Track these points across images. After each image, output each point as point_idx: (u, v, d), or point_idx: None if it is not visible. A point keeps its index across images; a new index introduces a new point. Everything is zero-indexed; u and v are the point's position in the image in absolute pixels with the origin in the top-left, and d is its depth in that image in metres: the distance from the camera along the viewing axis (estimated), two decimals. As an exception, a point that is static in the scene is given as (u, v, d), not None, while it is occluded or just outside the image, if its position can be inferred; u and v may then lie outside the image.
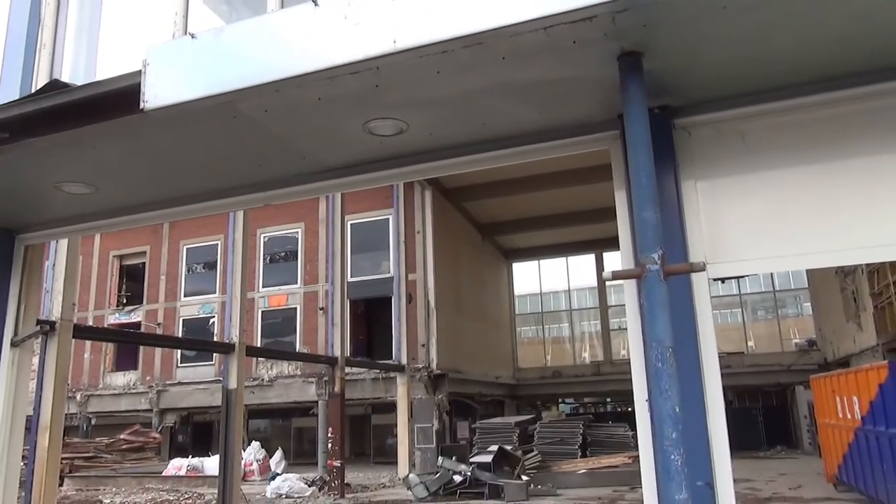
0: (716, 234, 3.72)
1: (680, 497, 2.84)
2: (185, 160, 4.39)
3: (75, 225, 5.41)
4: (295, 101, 3.55)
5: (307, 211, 26.71)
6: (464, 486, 16.51)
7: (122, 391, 28.39)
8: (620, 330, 33.31)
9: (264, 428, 30.80)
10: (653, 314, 3.01)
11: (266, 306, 27.10)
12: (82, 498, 17.98)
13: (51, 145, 3.98)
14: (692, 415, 3.35)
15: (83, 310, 29.00)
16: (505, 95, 3.65)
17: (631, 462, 18.07)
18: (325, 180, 4.65)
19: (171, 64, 3.56)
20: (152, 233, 29.36)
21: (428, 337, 23.60)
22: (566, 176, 23.11)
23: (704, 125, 3.84)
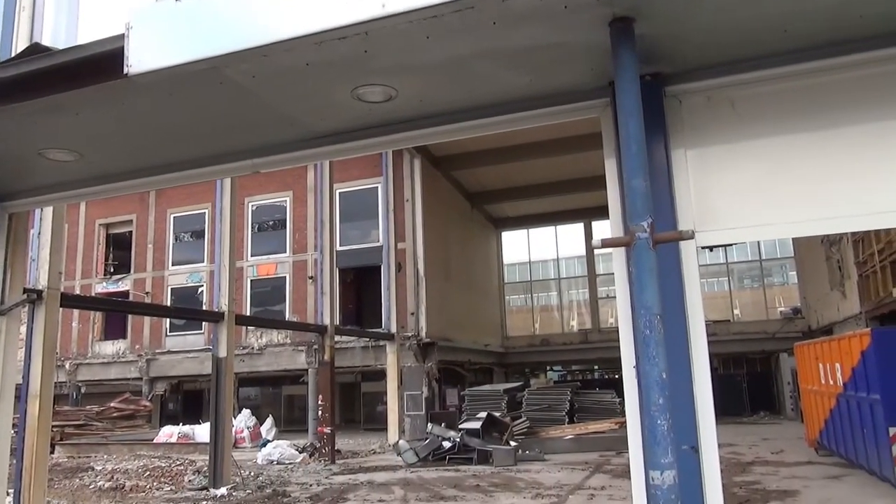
0: (704, 203, 3.72)
1: (665, 461, 2.90)
2: (171, 127, 4.32)
3: (60, 192, 5.34)
4: (282, 66, 3.49)
5: (295, 179, 26.53)
6: (453, 451, 16.76)
7: (112, 360, 28.42)
8: (608, 298, 33.58)
9: (255, 396, 30.99)
10: (641, 282, 3.03)
11: (255, 275, 27.06)
12: (74, 465, 18.11)
13: (33, 111, 3.90)
14: (679, 381, 3.40)
15: (70, 279, 28.86)
16: (495, 62, 3.61)
17: (618, 428, 18.39)
18: (313, 148, 4.60)
19: (156, 27, 3.48)
20: (139, 201, 29.10)
21: (417, 305, 23.71)
22: (556, 144, 23.05)
23: (695, 93, 3.81)
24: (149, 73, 3.45)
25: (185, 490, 13.97)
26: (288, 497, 12.72)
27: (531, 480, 13.74)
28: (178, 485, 14.48)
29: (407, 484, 13.85)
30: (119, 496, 13.53)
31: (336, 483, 14.28)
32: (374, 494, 12.72)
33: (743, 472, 13.68)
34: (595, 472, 14.54)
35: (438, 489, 13.03)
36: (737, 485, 12.17)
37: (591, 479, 13.74)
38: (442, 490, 12.91)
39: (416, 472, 15.47)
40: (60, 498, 13.13)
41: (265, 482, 14.54)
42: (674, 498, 2.89)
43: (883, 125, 3.46)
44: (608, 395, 20.88)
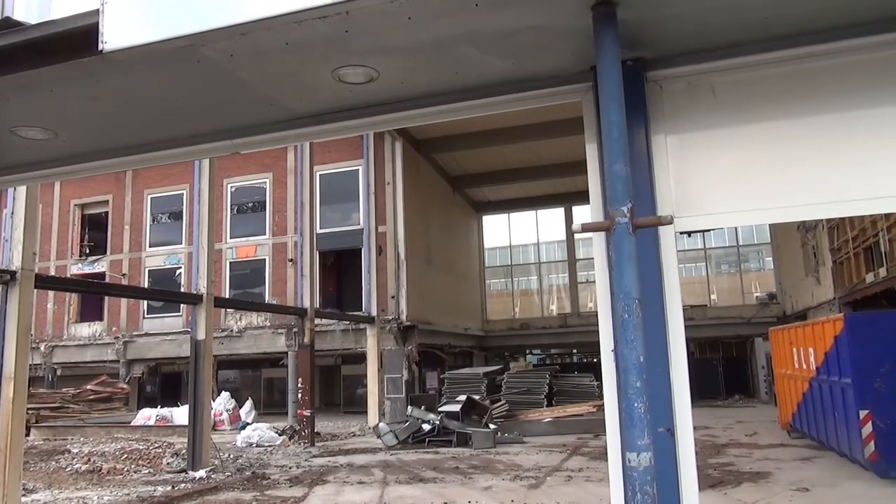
0: (684, 188, 3.75)
1: (642, 442, 2.94)
2: (147, 105, 4.24)
3: (33, 171, 5.22)
4: (262, 45, 3.44)
5: (275, 161, 26.29)
6: (433, 434, 16.87)
7: (88, 342, 28.12)
8: (588, 283, 33.85)
9: (234, 378, 30.90)
10: (620, 266, 3.05)
11: (234, 257, 26.86)
12: (50, 448, 17.95)
13: (4, 88, 3.80)
14: (656, 364, 3.44)
15: (45, 260, 28.44)
16: (477, 44, 3.58)
17: (595, 411, 18.62)
18: (294, 129, 4.55)
19: (132, 3, 3.40)
20: (115, 181, 28.66)
21: (398, 289, 23.71)
22: (537, 129, 23.07)
23: (676, 78, 3.82)
24: (124, 49, 3.37)
25: (163, 472, 13.93)
26: (267, 479, 12.73)
27: (510, 462, 13.89)
28: (157, 467, 14.43)
29: (387, 466, 13.93)
30: (96, 479, 13.44)
31: (316, 465, 14.32)
32: (353, 476, 12.78)
33: (717, 454, 13.95)
34: (573, 455, 14.73)
35: (418, 471, 13.12)
36: (711, 466, 12.41)
37: (569, 461, 13.92)
38: (421, 472, 13.01)
39: (395, 455, 15.56)
40: (36, 481, 13.02)
41: (244, 464, 14.54)
42: (650, 479, 2.94)
43: (863, 113, 3.50)
44: (586, 379, 21.11)
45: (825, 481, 10.85)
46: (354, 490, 11.49)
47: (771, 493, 10.15)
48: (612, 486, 3.63)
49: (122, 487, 12.31)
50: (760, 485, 10.79)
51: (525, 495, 10.63)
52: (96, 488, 12.35)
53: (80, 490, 12.20)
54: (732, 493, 10.28)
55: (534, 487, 11.25)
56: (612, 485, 3.66)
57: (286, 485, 12.13)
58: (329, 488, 11.73)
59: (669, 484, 3.43)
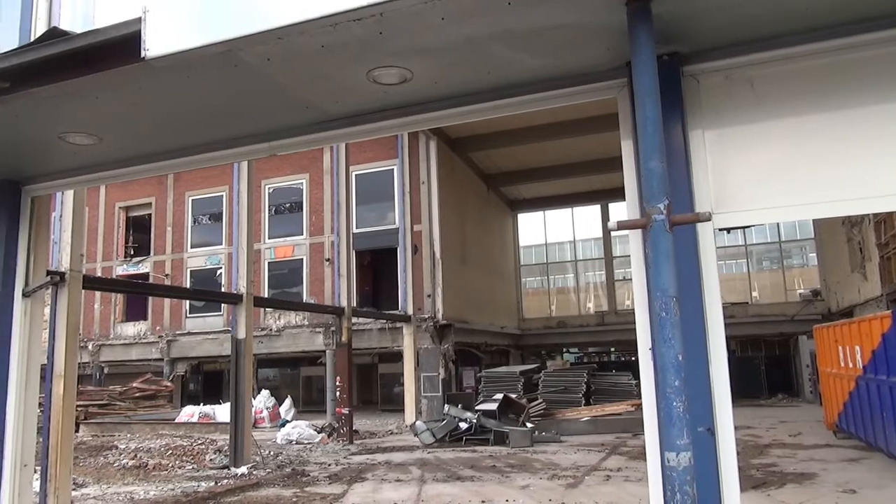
0: (722, 184, 3.69)
1: (681, 442, 2.91)
2: (187, 110, 4.35)
3: (80, 176, 5.39)
4: (297, 49, 3.49)
5: (311, 162, 26.58)
6: (469, 433, 16.89)
7: (133, 341, 28.86)
8: (625, 280, 33.45)
9: (273, 377, 31.38)
10: (658, 264, 3.02)
11: (272, 257, 27.26)
12: (98, 443, 18.50)
13: (52, 95, 3.93)
14: (695, 363, 3.40)
15: (91, 261, 29.27)
16: (511, 42, 3.58)
17: (634, 409, 18.40)
18: (329, 130, 4.61)
19: (172, 11, 3.49)
20: (157, 184, 29.35)
21: (433, 287, 23.77)
22: (572, 125, 22.88)
23: (714, 72, 3.76)
24: (165, 56, 3.47)
25: (206, 469, 14.23)
26: (307, 476, 12.91)
27: (547, 461, 13.82)
28: (200, 463, 14.75)
29: (424, 464, 13.99)
30: (142, 474, 13.81)
31: (354, 463, 14.46)
32: (391, 474, 12.87)
33: (760, 455, 13.66)
34: (611, 454, 14.59)
35: (455, 469, 13.15)
36: (754, 467, 12.16)
37: (608, 460, 13.79)
38: (459, 470, 13.03)
39: (433, 453, 15.62)
40: (86, 475, 13.43)
41: (284, 461, 14.77)
42: (689, 479, 2.91)
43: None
44: (625, 378, 20.88)
45: (873, 483, 10.54)
46: (392, 488, 11.58)
47: (816, 494, 9.90)
48: (651, 486, 3.60)
49: (167, 483, 12.61)
50: (805, 486, 10.53)
51: (563, 494, 10.57)
52: (142, 483, 12.68)
53: (127, 485, 12.54)
54: (776, 494, 10.06)
55: (572, 487, 11.18)
56: (651, 485, 3.63)
57: (325, 482, 12.28)
58: (367, 486, 11.84)
59: (710, 484, 3.39)
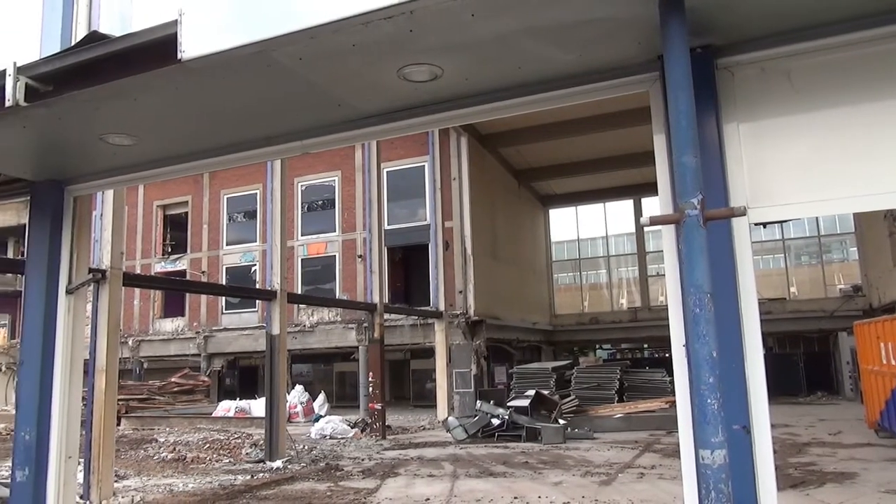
0: (758, 178, 3.63)
1: (716, 440, 2.88)
2: (222, 110, 4.43)
3: (120, 176, 5.54)
4: (329, 48, 3.53)
5: (343, 159, 26.78)
6: (501, 429, 16.88)
7: (171, 336, 29.47)
8: (658, 276, 33.03)
9: (307, 372, 31.75)
10: (691, 260, 2.99)
11: (305, 254, 27.55)
12: (138, 437, 18.97)
13: (93, 97, 4.04)
14: (730, 360, 3.36)
15: (130, 259, 29.94)
16: (541, 38, 3.57)
17: (668, 407, 18.19)
18: (361, 128, 4.66)
19: (207, 13, 3.56)
20: (193, 182, 29.89)
21: (465, 283, 23.79)
22: (604, 120, 22.65)
23: (748, 65, 3.70)
24: (201, 57, 3.54)
25: (242, 462, 14.48)
26: (341, 471, 13.05)
27: (580, 458, 13.75)
28: (237, 457, 15.02)
29: (456, 460, 14.03)
30: (181, 467, 14.11)
31: (387, 458, 14.57)
32: (424, 469, 12.94)
33: (798, 453, 13.40)
34: (645, 451, 14.45)
35: (488, 465, 13.16)
36: (792, 466, 11.93)
37: (641, 457, 13.66)
38: (491, 466, 13.04)
39: (465, 449, 15.66)
40: (127, 468, 13.77)
41: (319, 456, 14.95)
42: (724, 477, 2.88)
43: (951, 94, 3.30)
44: (658, 374, 20.64)
45: (918, 483, 10.26)
46: (425, 483, 11.64)
47: (857, 494, 9.68)
48: (686, 484, 3.57)
49: (205, 476, 12.87)
50: (845, 486, 10.30)
51: (596, 492, 10.50)
52: (181, 476, 12.96)
53: (166, 477, 12.83)
54: (815, 493, 9.86)
55: (605, 484, 11.10)
56: (685, 483, 3.60)
57: (359, 476, 12.40)
58: (400, 480, 11.92)
59: (746, 482, 3.35)
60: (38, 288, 5.45)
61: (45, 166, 5.35)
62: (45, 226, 5.52)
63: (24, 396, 5.40)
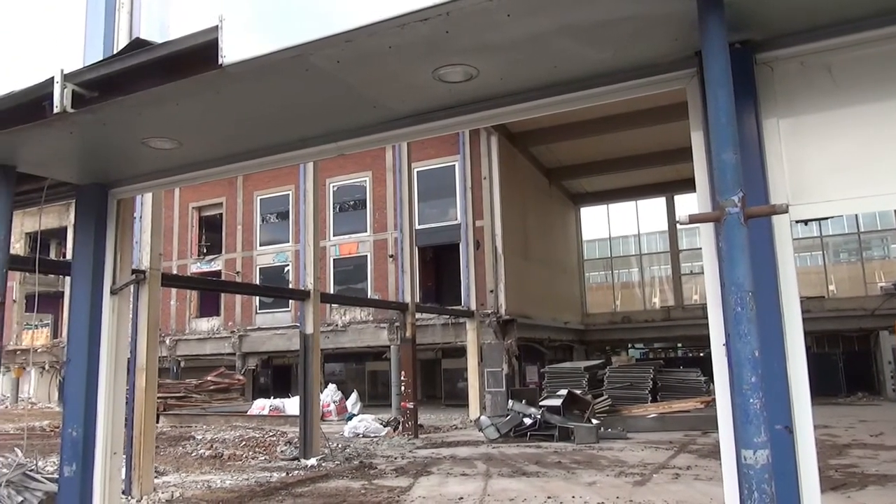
0: (799, 174, 3.58)
1: (758, 440, 2.85)
2: (261, 114, 4.51)
3: (161, 178, 5.67)
4: (366, 50, 3.58)
5: (374, 159, 26.95)
6: (534, 428, 16.82)
7: (207, 336, 29.98)
8: (692, 274, 32.59)
9: (339, 371, 32.02)
10: (732, 258, 2.96)
11: (337, 254, 27.79)
12: (177, 434, 19.35)
13: (137, 103, 4.15)
14: (771, 359, 3.32)
15: (167, 259, 30.52)
16: (577, 37, 3.57)
17: (703, 407, 17.94)
18: (395, 129, 4.70)
19: (247, 18, 3.64)
20: (228, 184, 30.36)
21: (496, 283, 23.76)
22: (636, 117, 22.42)
23: (788, 59, 3.65)
24: (241, 62, 3.62)
25: (277, 460, 14.67)
26: (374, 469, 13.15)
27: (614, 458, 13.64)
28: (272, 454, 15.23)
29: (489, 459, 14.03)
30: (218, 464, 14.36)
31: (420, 456, 14.63)
32: (457, 468, 12.97)
33: (839, 455, 13.10)
34: (680, 452, 14.27)
35: (520, 465, 13.14)
36: (832, 468, 11.68)
37: (676, 458, 13.50)
38: (524, 466, 13.02)
39: (497, 448, 15.65)
40: (166, 464, 14.06)
41: (352, 454, 15.08)
42: (767, 478, 2.85)
43: None
44: (693, 374, 20.36)
45: (965, 487, 9.97)
46: (458, 482, 11.66)
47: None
48: (727, 485, 3.54)
49: (242, 472, 13.08)
50: (888, 488, 10.05)
51: (630, 492, 10.42)
52: (218, 473, 13.19)
53: (204, 474, 13.07)
54: (856, 496, 9.64)
55: (639, 484, 11.00)
56: (726, 483, 3.57)
57: (392, 475, 12.48)
58: (433, 479, 11.97)
59: (789, 484, 3.31)
60: (83, 288, 5.61)
61: (89, 170, 5.51)
62: (90, 228, 5.67)
63: (72, 394, 5.57)
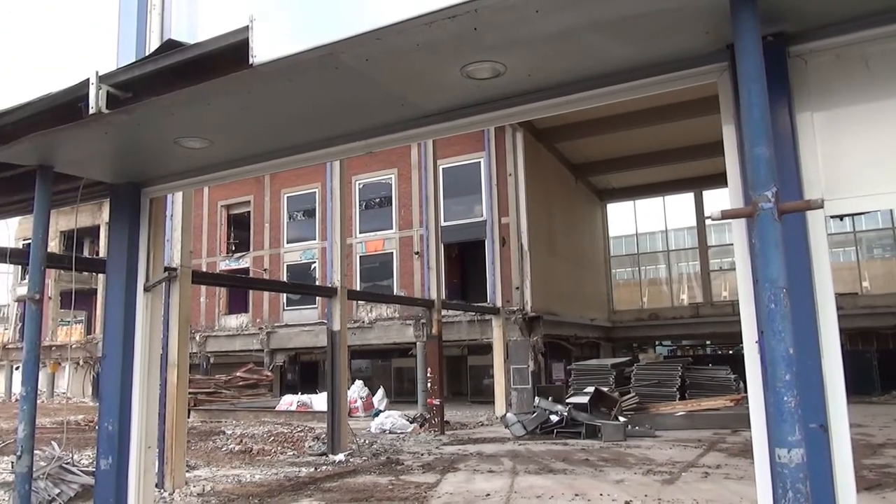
0: (834, 169, 3.52)
1: (793, 438, 2.81)
2: (290, 112, 4.55)
3: (192, 177, 5.76)
4: (394, 48, 3.59)
5: (399, 157, 27.03)
6: (560, 425, 16.76)
7: (236, 332, 30.38)
8: (721, 271, 32.17)
9: (365, 367, 32.23)
10: (766, 254, 2.92)
11: (363, 251, 27.95)
12: (207, 429, 19.65)
13: (170, 103, 4.22)
14: (806, 357, 3.27)
15: (197, 257, 30.97)
16: (605, 31, 3.55)
17: (733, 405, 17.72)
18: (423, 126, 4.71)
19: (277, 18, 3.68)
20: (255, 182, 30.70)
21: (522, 280, 23.70)
22: (663, 111, 22.17)
23: (823, 51, 3.59)
24: (271, 62, 3.66)
25: (305, 455, 14.82)
26: (401, 465, 13.22)
27: (642, 456, 13.53)
28: (300, 450, 15.38)
29: (515, 456, 14.01)
30: (248, 458, 14.55)
31: (446, 453, 14.67)
32: (483, 465, 12.98)
33: (873, 455, 12.85)
34: (709, 450, 14.11)
35: (547, 462, 13.10)
36: (866, 467, 11.45)
37: (706, 456, 13.35)
38: (551, 463, 12.98)
39: (523, 445, 15.62)
40: (197, 458, 14.28)
41: (379, 450, 15.17)
42: (802, 477, 2.81)
43: None
44: (722, 371, 20.10)
45: None
46: (484, 478, 11.67)
47: (940, 498, 9.23)
48: (760, 484, 3.50)
49: (271, 467, 13.24)
50: (927, 489, 9.83)
51: (659, 490, 10.33)
52: (248, 467, 13.36)
53: (234, 468, 13.26)
54: (892, 497, 9.44)
55: (668, 483, 10.90)
56: (758, 482, 3.53)
57: (419, 471, 12.53)
58: (460, 476, 11.99)
59: (823, 483, 3.27)
60: (118, 286, 5.72)
61: (123, 169, 5.61)
62: (125, 226, 5.79)
63: (107, 389, 5.69)
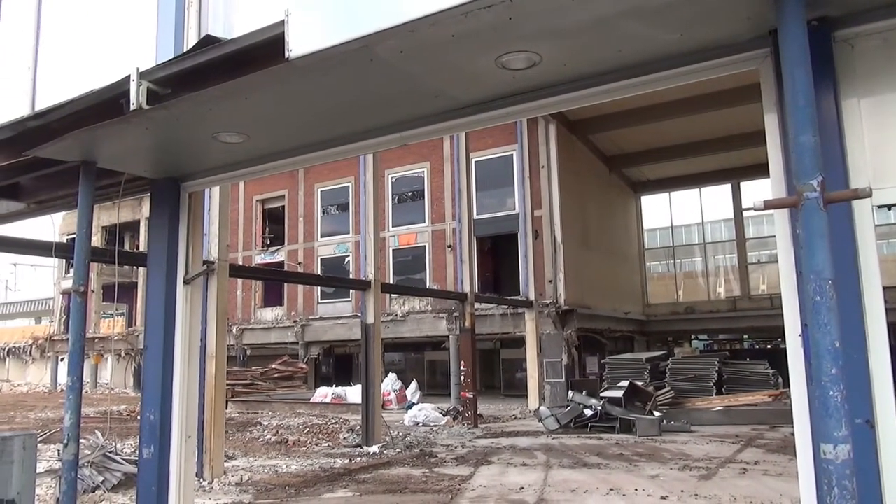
0: (882, 156, 3.42)
1: (839, 434, 2.74)
2: (326, 105, 4.58)
3: (229, 172, 5.84)
4: (429, 40, 3.58)
5: (432, 150, 27.04)
6: (594, 420, 16.65)
7: (271, 325, 30.81)
8: (759, 264, 31.53)
9: (399, 360, 32.42)
10: (811, 245, 2.85)
11: (396, 245, 28.08)
12: (244, 420, 20.00)
13: (207, 98, 4.27)
14: (852, 350, 3.19)
15: (233, 251, 31.48)
16: (643, 18, 3.48)
17: (772, 400, 17.39)
18: (458, 118, 4.70)
19: (312, 12, 3.69)
20: (289, 177, 31.04)
21: (555, 273, 23.55)
22: (699, 101, 21.74)
23: (869, 35, 3.48)
24: (307, 55, 3.68)
25: (340, 446, 14.99)
26: (435, 457, 13.28)
27: (677, 451, 13.38)
28: (335, 441, 15.56)
29: (549, 450, 13.97)
30: (284, 449, 14.78)
31: (479, 446, 14.69)
32: (516, 458, 12.96)
33: (920, 452, 12.48)
34: (747, 446, 13.88)
35: (581, 456, 13.04)
36: (913, 465, 11.13)
37: (743, 452, 13.14)
38: (585, 457, 12.91)
39: (557, 439, 15.56)
40: (235, 449, 14.55)
41: (413, 442, 15.26)
42: (848, 473, 2.74)
43: None
44: (760, 366, 19.73)
45: None
46: (518, 472, 11.66)
47: None
48: (803, 481, 3.43)
49: (306, 458, 13.42)
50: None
51: (695, 486, 10.20)
52: (284, 458, 13.57)
53: (271, 458, 13.48)
54: (941, 495, 9.17)
55: (705, 478, 10.76)
56: (801, 478, 3.45)
57: (452, 463, 12.57)
58: (493, 469, 12.00)
59: (869, 480, 3.19)
60: (159, 279, 5.85)
61: (163, 165, 5.72)
62: (164, 221, 5.90)
63: (149, 380, 5.82)
